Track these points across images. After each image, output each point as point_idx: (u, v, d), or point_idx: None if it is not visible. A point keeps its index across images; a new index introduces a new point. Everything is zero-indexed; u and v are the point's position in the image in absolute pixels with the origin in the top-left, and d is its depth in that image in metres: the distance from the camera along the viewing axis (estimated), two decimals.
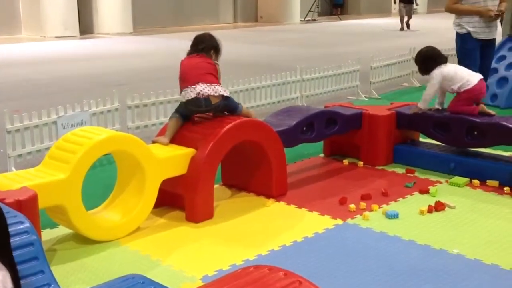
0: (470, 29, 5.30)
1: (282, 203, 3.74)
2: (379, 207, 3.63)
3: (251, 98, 6.11)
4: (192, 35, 4.04)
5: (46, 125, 4.47)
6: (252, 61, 10.67)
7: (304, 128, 4.16)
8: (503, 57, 6.90)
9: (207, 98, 3.57)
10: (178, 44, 14.33)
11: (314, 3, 22.37)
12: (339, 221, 3.44)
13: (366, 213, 3.51)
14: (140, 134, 5.12)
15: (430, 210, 3.57)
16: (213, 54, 3.88)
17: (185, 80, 3.68)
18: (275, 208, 3.68)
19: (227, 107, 3.70)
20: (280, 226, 3.41)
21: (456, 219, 3.47)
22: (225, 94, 3.64)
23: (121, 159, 3.41)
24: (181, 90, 3.69)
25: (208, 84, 3.60)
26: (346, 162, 4.55)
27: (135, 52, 12.64)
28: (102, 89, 7.62)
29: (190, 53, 3.89)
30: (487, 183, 4.00)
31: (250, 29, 19.09)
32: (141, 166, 3.28)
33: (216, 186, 3.58)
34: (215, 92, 3.59)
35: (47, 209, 3.06)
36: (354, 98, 7.15)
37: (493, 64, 6.89)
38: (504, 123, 4.04)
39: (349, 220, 3.45)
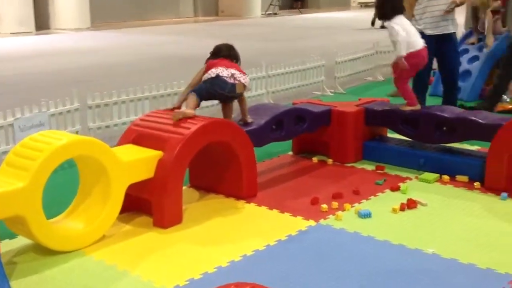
0: (421, 27, 5.21)
1: (252, 204, 3.64)
2: (352, 206, 3.56)
3: None
4: (152, 29, 3.92)
5: (2, 127, 4.25)
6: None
7: (273, 127, 4.07)
8: (466, 51, 6.96)
9: (234, 85, 3.66)
10: (137, 38, 14.07)
11: None
12: (311, 222, 3.36)
13: (339, 213, 3.44)
14: (101, 134, 4.96)
15: (402, 208, 3.53)
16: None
17: (218, 66, 3.73)
18: (246, 210, 3.57)
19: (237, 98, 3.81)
20: (252, 229, 3.31)
21: (429, 216, 3.44)
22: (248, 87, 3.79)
23: (83, 164, 3.24)
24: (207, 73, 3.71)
25: (243, 74, 3.73)
26: (315, 159, 4.48)
27: (94, 48, 12.31)
28: (60, 87, 7.36)
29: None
30: (456, 179, 3.99)
31: (211, 23, 18.89)
32: (105, 171, 3.13)
33: (183, 188, 3.45)
34: (246, 82, 3.74)
35: (5, 220, 2.88)
36: (319, 93, 7.10)
37: None
38: (472, 118, 4.03)
39: (322, 221, 3.37)
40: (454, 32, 5.41)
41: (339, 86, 7.27)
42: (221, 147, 3.62)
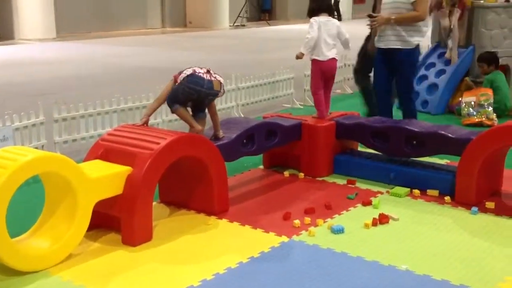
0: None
1: (224, 220, 3.58)
2: (324, 222, 3.54)
3: None
4: (119, 40, 3.87)
5: None
6: (184, 68, 10.42)
7: (244, 141, 4.02)
8: (432, 64, 7.06)
9: (211, 81, 3.64)
10: (104, 49, 13.88)
11: (242, 8, 22.36)
12: (284, 238, 3.31)
13: (312, 228, 3.41)
14: (68, 148, 4.84)
15: (374, 223, 3.52)
16: None
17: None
18: (218, 226, 3.51)
19: (214, 99, 3.79)
20: (224, 246, 3.24)
21: (401, 232, 3.43)
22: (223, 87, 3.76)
23: (49, 180, 3.13)
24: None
25: (218, 74, 3.73)
26: (286, 174, 4.45)
27: (59, 59, 12.09)
28: (24, 99, 7.19)
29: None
30: (427, 193, 4.01)
31: (179, 34, 18.79)
32: (72, 188, 3.02)
33: (153, 204, 3.36)
34: (221, 80, 3.73)
35: None
36: (289, 106, 7.10)
37: (423, 71, 7.07)
38: (442, 132, 4.06)
39: (295, 237, 3.33)
40: (403, 49, 4.84)
41: (308, 99, 7.27)
42: (191, 162, 3.56)
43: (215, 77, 3.70)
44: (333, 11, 4.69)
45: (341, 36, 4.61)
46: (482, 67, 6.51)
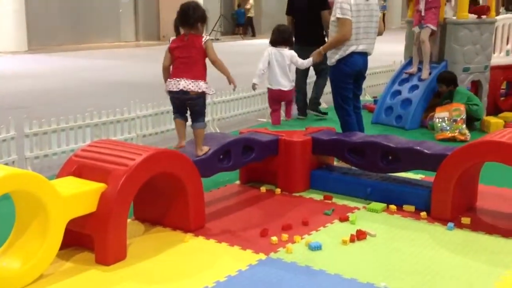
0: None
1: (200, 237, 3.52)
2: (302, 238, 3.50)
3: (161, 123, 5.84)
4: (92, 53, 3.85)
5: None
6: (159, 82, 10.29)
7: (221, 157, 3.98)
8: (406, 80, 7.12)
9: (187, 92, 3.82)
10: (77, 63, 13.71)
11: (217, 22, 22.39)
12: (262, 256, 3.27)
13: (289, 245, 3.38)
14: (39, 164, 4.73)
15: (352, 239, 3.50)
16: (200, 26, 3.94)
17: (174, 69, 3.89)
18: (194, 244, 3.45)
19: (196, 106, 3.93)
20: (201, 264, 3.18)
21: (378, 248, 3.42)
22: (206, 92, 3.90)
23: (20, 198, 3.03)
24: (167, 79, 3.93)
25: (193, 81, 3.81)
26: (263, 189, 4.41)
27: (31, 72, 11.89)
28: None
29: (177, 29, 3.99)
30: (403, 208, 4.01)
31: (153, 48, 18.68)
32: (44, 206, 2.93)
33: (127, 221, 3.29)
34: (198, 88, 3.84)
35: None
36: (264, 120, 7.07)
37: (396, 86, 7.15)
38: (417, 147, 4.08)
39: (272, 254, 3.29)
40: (330, 66, 5.11)
41: (283, 112, 7.26)
42: (167, 178, 3.50)
43: (196, 90, 3.87)
44: (290, 43, 5.08)
45: (295, 64, 5.27)
46: (441, 87, 6.62)
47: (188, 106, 3.98)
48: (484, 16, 6.97)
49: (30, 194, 2.91)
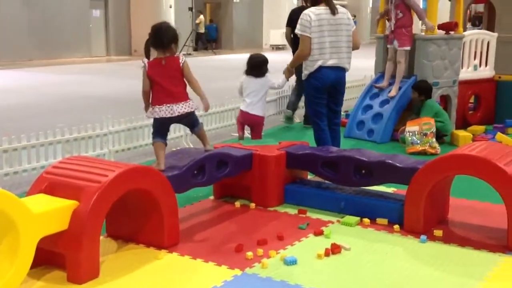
0: None
1: (175, 254, 3.49)
2: (277, 253, 3.50)
3: (133, 139, 5.80)
4: (62, 69, 3.81)
5: None
6: (131, 97, 10.26)
7: (195, 172, 3.96)
8: (376, 94, 7.22)
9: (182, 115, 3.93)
10: (47, 78, 13.54)
11: (188, 37, 22.42)
12: (237, 272, 3.25)
13: (264, 260, 3.36)
14: (9, 181, 4.65)
15: (327, 253, 3.51)
16: (174, 46, 3.99)
17: (156, 94, 3.92)
18: (168, 261, 3.41)
19: (191, 120, 4.08)
20: (175, 281, 3.15)
21: (353, 262, 3.43)
22: (193, 109, 4.01)
23: None
24: (152, 104, 3.95)
25: (184, 103, 3.93)
26: (238, 204, 4.40)
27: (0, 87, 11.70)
28: None
29: (148, 51, 4.06)
30: (377, 222, 4.04)
31: (124, 63, 18.60)
32: (14, 224, 2.87)
33: (100, 238, 3.24)
34: (191, 108, 3.98)
35: None
36: (237, 135, 7.06)
37: (368, 101, 7.24)
38: (390, 161, 4.12)
39: (248, 270, 3.28)
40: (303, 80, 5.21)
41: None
42: (140, 194, 3.47)
43: (189, 110, 4.01)
44: (260, 71, 5.21)
45: (272, 87, 5.37)
46: (413, 94, 6.74)
47: (184, 124, 4.26)
48: (452, 32, 7.13)
49: (0, 212, 2.84)
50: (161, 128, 4.02)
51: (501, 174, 3.55)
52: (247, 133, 5.83)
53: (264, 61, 5.31)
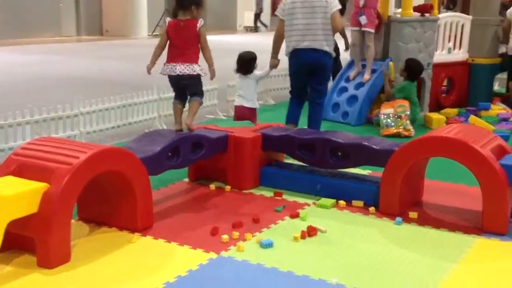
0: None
1: (149, 237, 3.42)
2: (253, 236, 3.46)
3: (105, 120, 5.67)
4: (31, 49, 3.65)
5: None
6: (102, 78, 10.09)
7: (169, 154, 3.88)
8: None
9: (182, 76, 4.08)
10: (15, 58, 13.18)
11: (161, 17, 22.08)
12: (213, 255, 3.20)
13: (240, 243, 3.32)
14: None
15: (303, 236, 3.48)
16: (195, 10, 4.11)
17: (169, 52, 4.12)
18: (142, 244, 3.34)
19: (191, 86, 4.17)
20: (149, 265, 3.09)
21: (329, 244, 3.42)
22: (200, 73, 4.13)
23: None
24: (156, 56, 4.19)
25: (188, 64, 4.06)
26: (213, 186, 4.34)
27: None
28: None
29: (174, 12, 4.19)
30: (352, 204, 4.03)
31: (95, 43, 18.23)
32: None
33: (71, 221, 3.15)
34: (193, 71, 4.08)
35: None
36: (212, 116, 7.00)
37: (343, 83, 7.22)
38: (365, 143, 4.11)
39: (223, 253, 3.23)
40: None
41: (231, 110, 7.20)
42: (113, 177, 3.38)
43: (191, 73, 4.11)
44: (249, 68, 5.25)
45: (260, 78, 5.37)
46: (402, 66, 6.67)
47: (185, 87, 4.21)
48: (427, 14, 7.13)
49: None
50: (173, 87, 4.27)
51: (477, 156, 3.56)
52: None
53: (253, 58, 5.44)
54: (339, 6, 5.13)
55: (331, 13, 5.04)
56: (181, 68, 4.06)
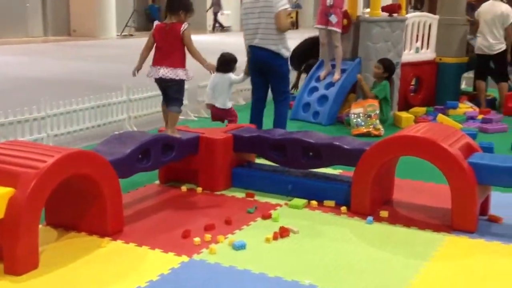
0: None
1: (119, 241, 3.37)
2: (225, 238, 3.43)
3: (73, 122, 5.57)
4: None
5: None
6: (70, 79, 9.92)
7: (140, 156, 3.83)
8: None
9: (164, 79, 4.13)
10: None
11: (130, 17, 21.86)
12: (184, 258, 3.17)
13: (212, 245, 3.30)
14: None
15: (275, 237, 3.48)
16: (183, 15, 4.15)
17: (155, 55, 4.19)
18: (112, 249, 3.29)
19: (171, 91, 4.18)
20: (120, 270, 3.04)
21: (302, 245, 3.42)
22: (184, 78, 4.16)
23: None
24: (143, 59, 4.29)
25: (172, 69, 4.09)
26: (184, 188, 4.30)
27: None
28: None
29: (165, 15, 4.24)
30: (324, 204, 4.04)
31: (62, 43, 17.94)
32: None
33: (39, 227, 3.08)
34: (176, 76, 4.11)
35: None
36: (183, 118, 6.92)
37: (313, 83, 7.25)
38: (337, 143, 4.12)
39: (196, 256, 3.20)
40: None
41: (202, 111, 7.17)
42: (81, 180, 3.31)
43: (174, 77, 4.13)
44: (228, 68, 5.55)
45: (235, 82, 5.70)
46: (378, 68, 6.74)
47: (166, 91, 4.24)
48: (395, 14, 7.20)
49: None
50: (160, 89, 4.33)
51: (445, 154, 3.60)
52: None
53: (233, 59, 5.64)
54: (287, 6, 5.28)
55: (275, 13, 5.12)
56: (164, 72, 4.10)
